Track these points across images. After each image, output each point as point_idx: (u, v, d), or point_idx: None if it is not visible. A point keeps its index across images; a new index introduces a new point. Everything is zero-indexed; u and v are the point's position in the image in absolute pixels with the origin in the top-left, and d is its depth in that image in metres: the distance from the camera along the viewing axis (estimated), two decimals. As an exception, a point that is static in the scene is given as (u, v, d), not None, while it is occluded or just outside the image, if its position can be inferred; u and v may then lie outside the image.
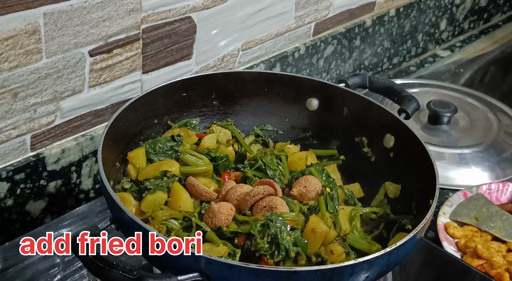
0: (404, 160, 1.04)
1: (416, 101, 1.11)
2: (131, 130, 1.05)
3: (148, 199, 0.96)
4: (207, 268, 0.78)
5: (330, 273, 0.79)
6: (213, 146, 1.09)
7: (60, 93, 1.09)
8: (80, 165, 1.16)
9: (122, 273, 0.74)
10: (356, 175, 1.10)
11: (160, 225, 0.93)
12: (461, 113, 1.50)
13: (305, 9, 1.42)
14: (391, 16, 1.65)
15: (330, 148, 1.14)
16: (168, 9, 1.16)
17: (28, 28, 0.99)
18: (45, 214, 1.14)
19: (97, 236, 0.82)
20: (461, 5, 1.88)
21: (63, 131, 1.13)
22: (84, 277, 1.05)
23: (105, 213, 1.14)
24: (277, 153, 1.08)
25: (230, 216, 0.93)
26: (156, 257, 0.83)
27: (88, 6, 1.04)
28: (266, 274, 0.78)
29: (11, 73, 1.00)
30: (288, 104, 1.16)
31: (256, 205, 0.95)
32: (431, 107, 1.45)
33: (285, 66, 1.44)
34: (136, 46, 1.15)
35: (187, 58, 1.25)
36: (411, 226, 0.96)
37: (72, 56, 1.07)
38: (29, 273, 1.03)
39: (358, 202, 1.04)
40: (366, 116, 1.10)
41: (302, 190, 1.00)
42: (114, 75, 1.15)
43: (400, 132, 1.06)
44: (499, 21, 2.07)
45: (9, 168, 1.06)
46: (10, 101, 1.03)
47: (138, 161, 1.02)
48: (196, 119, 1.13)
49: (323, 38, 1.49)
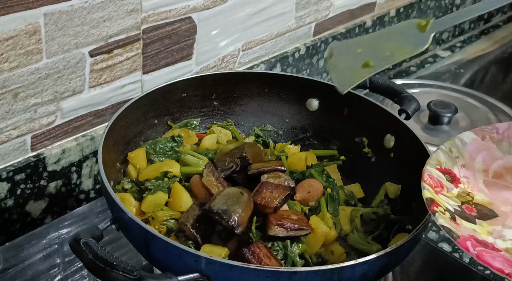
0: (405, 160, 1.04)
1: (417, 101, 1.11)
2: (132, 131, 1.05)
3: (148, 199, 0.96)
4: (208, 268, 0.78)
5: (330, 273, 0.79)
6: (214, 147, 1.09)
7: (61, 94, 1.09)
8: (80, 165, 1.16)
9: (122, 274, 0.74)
10: (356, 175, 1.10)
11: (160, 225, 0.93)
12: (461, 113, 1.50)
13: (305, 9, 1.42)
14: (392, 17, 1.65)
15: (331, 148, 1.14)
16: (169, 10, 1.17)
17: (28, 29, 0.99)
18: (45, 214, 1.14)
19: (98, 236, 0.82)
20: (461, 5, 1.88)
21: (64, 132, 1.13)
22: (85, 277, 1.05)
23: (105, 214, 1.14)
24: (277, 153, 1.08)
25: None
26: (157, 257, 0.84)
27: (89, 6, 1.04)
28: (267, 274, 0.78)
29: (11, 73, 1.01)
30: (288, 104, 1.16)
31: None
32: (431, 108, 1.45)
33: (286, 67, 1.44)
34: (137, 46, 1.15)
35: (188, 58, 1.25)
36: (411, 226, 0.96)
37: (73, 56, 1.07)
38: (30, 274, 1.03)
39: (359, 202, 1.05)
40: (367, 117, 1.10)
41: (306, 195, 1.00)
42: (114, 76, 1.15)
43: (400, 132, 1.06)
44: (499, 21, 2.08)
45: (9, 168, 1.06)
46: (10, 102, 1.03)
47: (139, 161, 1.02)
48: (196, 120, 1.13)
49: (324, 39, 1.49)
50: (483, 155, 0.98)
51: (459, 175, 0.95)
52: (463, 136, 0.99)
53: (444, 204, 0.87)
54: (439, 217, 0.83)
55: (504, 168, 0.98)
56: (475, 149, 0.98)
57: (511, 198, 0.93)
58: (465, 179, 0.95)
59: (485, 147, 0.99)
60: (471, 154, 0.98)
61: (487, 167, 0.97)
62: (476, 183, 0.95)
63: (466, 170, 0.96)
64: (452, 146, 0.97)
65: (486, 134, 1.00)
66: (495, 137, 1.00)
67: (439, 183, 0.91)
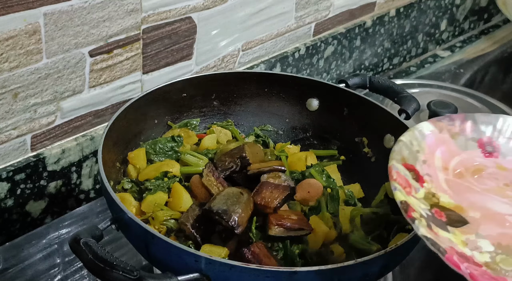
0: (405, 160, 1.04)
1: (416, 101, 1.11)
2: (132, 131, 1.05)
3: (148, 199, 0.96)
4: (208, 268, 0.78)
5: (330, 273, 0.79)
6: (213, 146, 1.09)
7: (61, 94, 1.09)
8: (80, 165, 1.16)
9: (122, 274, 0.74)
10: (356, 175, 1.10)
11: (160, 225, 0.93)
12: (461, 113, 1.50)
13: (305, 9, 1.42)
14: (391, 17, 1.65)
15: (330, 148, 1.15)
16: (168, 10, 1.16)
17: (28, 29, 0.99)
18: (45, 214, 1.14)
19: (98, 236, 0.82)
20: (461, 5, 1.88)
21: (64, 132, 1.13)
22: (85, 277, 1.05)
23: (105, 214, 1.14)
24: (277, 153, 1.08)
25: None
26: (157, 257, 0.84)
27: (88, 6, 1.04)
28: (267, 274, 0.78)
29: (11, 73, 1.00)
30: (288, 104, 1.16)
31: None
32: (431, 108, 1.45)
33: (285, 67, 1.44)
34: (137, 46, 1.15)
35: (187, 58, 1.25)
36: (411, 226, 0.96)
37: (73, 56, 1.07)
38: (30, 274, 1.03)
39: (359, 202, 1.04)
40: (367, 117, 1.10)
41: (306, 195, 1.00)
42: (114, 76, 1.15)
43: (400, 132, 1.05)
44: (499, 21, 2.07)
45: (9, 168, 1.06)
46: (10, 102, 1.03)
47: (139, 161, 1.02)
48: (196, 120, 1.13)
49: (324, 39, 1.49)
50: (442, 149, 0.88)
51: (422, 172, 0.84)
52: (421, 127, 0.89)
53: (418, 208, 0.77)
54: (419, 225, 0.73)
55: (463, 165, 0.89)
56: (434, 142, 0.88)
57: (478, 202, 0.83)
58: (428, 177, 0.84)
59: (443, 141, 0.89)
60: (430, 148, 0.87)
61: (446, 163, 0.88)
62: (438, 182, 0.84)
63: (427, 167, 0.85)
64: (412, 138, 0.87)
65: (443, 127, 0.90)
66: (452, 130, 0.91)
67: (407, 182, 0.80)
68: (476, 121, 0.92)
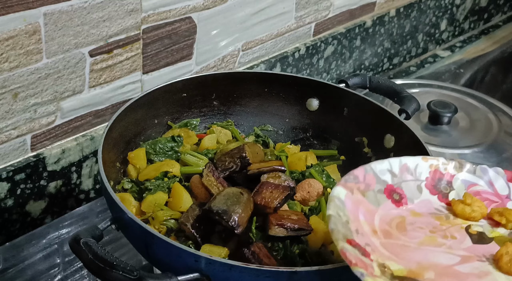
0: (405, 160, 1.04)
1: (416, 101, 1.11)
2: (132, 131, 1.05)
3: (148, 199, 0.96)
4: (208, 268, 0.78)
5: (330, 273, 0.79)
6: (213, 147, 1.09)
7: (60, 94, 1.09)
8: (80, 165, 1.16)
9: (122, 274, 0.74)
10: (356, 175, 1.10)
11: (160, 225, 0.93)
12: (461, 113, 1.50)
13: (305, 9, 1.42)
14: (391, 17, 1.65)
15: (331, 148, 1.14)
16: (168, 10, 1.16)
17: (28, 29, 0.99)
18: (45, 214, 1.14)
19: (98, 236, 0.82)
20: (461, 5, 1.88)
21: (63, 132, 1.13)
22: (85, 277, 1.05)
23: (105, 213, 1.14)
24: (277, 153, 1.08)
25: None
26: (157, 257, 0.84)
27: (88, 6, 1.04)
28: (267, 274, 0.78)
29: (11, 73, 1.00)
30: (288, 104, 1.16)
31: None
32: (431, 108, 1.45)
33: (285, 67, 1.44)
34: (136, 46, 1.15)
35: (187, 58, 1.25)
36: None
37: (72, 56, 1.07)
38: (30, 274, 1.03)
39: (359, 202, 1.04)
40: (367, 117, 1.10)
41: (306, 195, 1.00)
42: (114, 76, 1.15)
43: (400, 132, 1.06)
44: (499, 21, 2.07)
45: (9, 168, 1.06)
46: (10, 102, 1.03)
47: (139, 161, 1.02)
48: (196, 120, 1.13)
49: (323, 39, 1.49)
50: (362, 211, 0.81)
51: (362, 243, 0.76)
52: (337, 194, 0.81)
53: None
54: None
55: (385, 223, 0.82)
56: (352, 206, 0.81)
57: (422, 260, 0.76)
58: (368, 247, 0.76)
59: (358, 202, 0.82)
60: (353, 214, 0.80)
61: (372, 226, 0.81)
62: (378, 250, 0.77)
63: (362, 236, 0.77)
64: (337, 209, 0.78)
65: (353, 187, 0.83)
66: (360, 187, 0.84)
67: (362, 262, 0.72)
68: (375, 172, 0.86)
